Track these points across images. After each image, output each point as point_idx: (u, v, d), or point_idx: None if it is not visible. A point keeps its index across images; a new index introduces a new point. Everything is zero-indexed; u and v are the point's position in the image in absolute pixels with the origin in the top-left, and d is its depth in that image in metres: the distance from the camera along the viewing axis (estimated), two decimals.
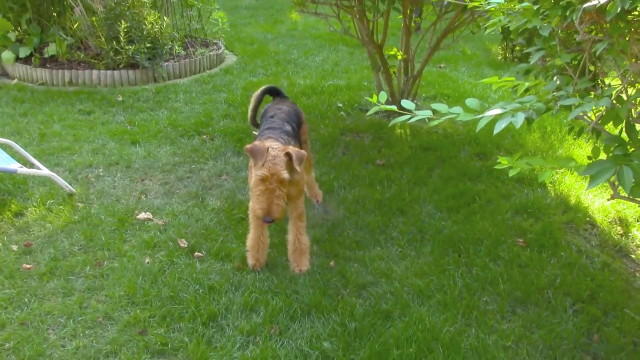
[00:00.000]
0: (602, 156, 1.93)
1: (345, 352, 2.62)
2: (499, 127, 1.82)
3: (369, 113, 2.22)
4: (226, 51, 8.02)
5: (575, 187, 4.17)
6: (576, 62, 2.35)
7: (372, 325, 2.78)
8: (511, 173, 1.89)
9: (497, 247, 3.44)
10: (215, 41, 7.94)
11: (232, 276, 3.13)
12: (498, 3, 2.07)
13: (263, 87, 3.83)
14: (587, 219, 3.84)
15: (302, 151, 2.95)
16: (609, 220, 3.83)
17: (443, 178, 4.30)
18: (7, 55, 6.66)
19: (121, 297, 2.97)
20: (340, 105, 5.86)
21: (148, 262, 3.25)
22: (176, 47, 7.09)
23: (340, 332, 2.73)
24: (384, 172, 4.35)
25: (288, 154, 2.85)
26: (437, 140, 4.97)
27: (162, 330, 2.75)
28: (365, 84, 6.60)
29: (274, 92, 3.83)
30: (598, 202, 4.00)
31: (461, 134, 5.14)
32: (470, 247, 3.43)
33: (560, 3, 1.86)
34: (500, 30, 7.60)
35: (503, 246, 3.46)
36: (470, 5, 2.12)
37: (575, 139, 4.99)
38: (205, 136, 5.05)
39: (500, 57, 8.25)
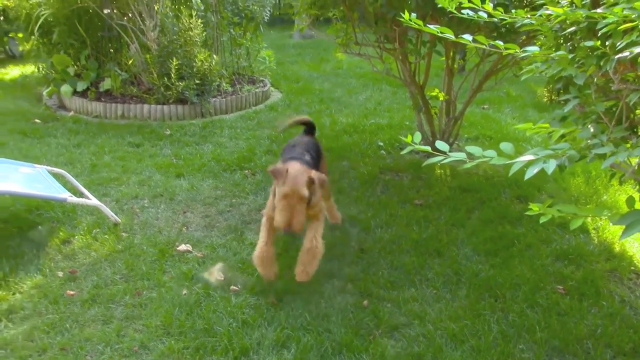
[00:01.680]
0: (638, 205, 1.90)
1: None
2: (530, 173, 1.82)
3: (403, 152, 2.27)
4: (272, 88, 8.23)
5: (619, 234, 4.05)
6: (614, 110, 2.34)
7: None
8: (542, 220, 1.87)
9: (535, 293, 3.37)
10: (261, 78, 8.18)
11: (265, 311, 3.16)
12: (533, 51, 2.09)
13: (306, 118, 4.07)
14: (632, 268, 3.72)
15: (324, 175, 3.20)
16: None
17: (482, 220, 4.25)
18: (66, 88, 7.04)
19: (157, 327, 3.04)
20: (381, 144, 5.90)
21: (185, 294, 3.32)
22: (224, 84, 7.33)
23: None
24: (422, 213, 4.34)
25: (310, 178, 3.09)
26: (477, 182, 4.93)
27: None
28: (407, 123, 6.65)
29: (311, 127, 4.03)
30: None
31: (502, 176, 5.08)
32: (508, 293, 3.37)
33: (595, 53, 1.87)
34: (541, 72, 7.50)
35: (542, 293, 3.38)
36: (505, 52, 2.15)
37: (620, 184, 4.87)
38: (247, 171, 5.17)
39: (545, 100, 8.16)
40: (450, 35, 2.19)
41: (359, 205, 4.49)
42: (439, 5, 2.63)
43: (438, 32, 2.20)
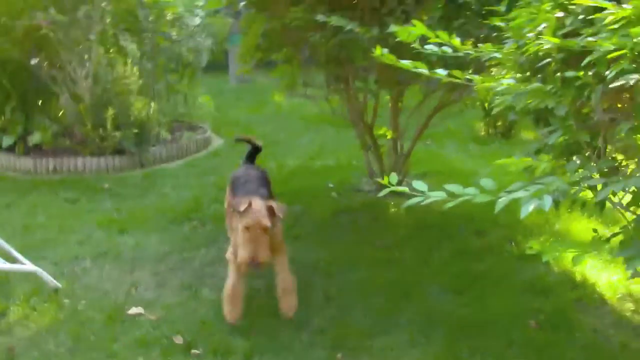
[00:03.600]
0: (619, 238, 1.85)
1: None
2: (526, 210, 1.73)
3: (381, 194, 2.15)
4: (213, 134, 8.02)
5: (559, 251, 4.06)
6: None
7: None
8: (545, 258, 1.80)
9: (510, 330, 3.28)
10: (201, 125, 7.96)
11: None
12: (509, 84, 2.05)
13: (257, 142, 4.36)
14: (595, 295, 3.72)
15: (283, 205, 3.27)
16: (618, 296, 3.72)
17: (444, 258, 4.18)
18: None
19: None
20: (332, 185, 5.80)
21: None
22: (163, 132, 7.05)
23: None
24: (385, 254, 4.22)
25: (270, 207, 3.17)
26: (432, 218, 4.87)
27: None
28: (355, 162, 6.59)
29: (255, 152, 4.36)
30: (604, 277, 3.90)
31: (456, 211, 5.05)
32: (482, 332, 3.27)
33: (576, 84, 1.84)
34: (483, 107, 7.68)
35: (516, 329, 3.29)
36: (480, 86, 2.10)
37: (569, 212, 4.97)
38: (195, 222, 4.91)
39: (483, 133, 8.38)
40: (424, 70, 2.12)
41: (318, 251, 4.32)
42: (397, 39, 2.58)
43: (412, 68, 2.12)
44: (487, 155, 7.07)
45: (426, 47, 2.45)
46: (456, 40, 2.26)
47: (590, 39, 1.65)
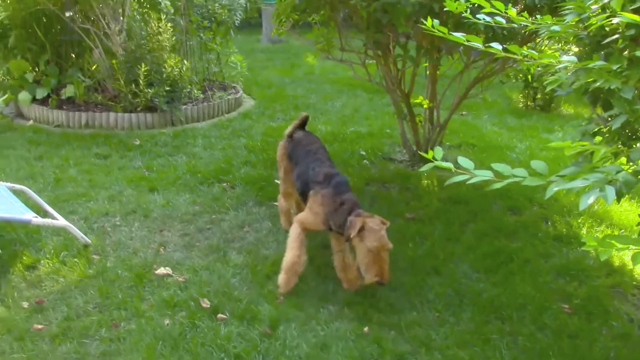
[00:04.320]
0: None
1: None
2: (585, 202, 1.61)
3: (422, 169, 2.05)
4: (244, 95, 7.93)
5: (617, 247, 3.92)
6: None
7: None
8: (603, 256, 1.69)
9: (542, 313, 3.20)
10: (233, 85, 7.87)
11: (259, 342, 2.89)
12: (571, 61, 1.90)
13: (303, 116, 4.07)
14: (634, 283, 3.59)
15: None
16: None
17: (477, 234, 4.08)
18: (24, 96, 6.58)
19: None
20: (364, 153, 5.69)
21: (168, 324, 3.01)
22: (195, 91, 6.99)
23: None
24: (415, 227, 4.13)
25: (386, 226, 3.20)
26: (466, 193, 4.75)
27: None
28: (388, 131, 6.45)
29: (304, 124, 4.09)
30: None
31: (490, 186, 4.92)
32: (514, 314, 3.18)
33: None
34: (522, 78, 7.37)
35: (548, 313, 3.21)
36: (540, 62, 1.95)
37: None
38: (225, 184, 4.87)
39: (521, 105, 8.11)
40: (478, 44, 1.98)
41: None
42: (445, 8, 2.44)
43: (465, 41, 1.99)
44: (525, 128, 6.85)
45: (477, 16, 2.31)
46: (512, 11, 2.11)
47: None
